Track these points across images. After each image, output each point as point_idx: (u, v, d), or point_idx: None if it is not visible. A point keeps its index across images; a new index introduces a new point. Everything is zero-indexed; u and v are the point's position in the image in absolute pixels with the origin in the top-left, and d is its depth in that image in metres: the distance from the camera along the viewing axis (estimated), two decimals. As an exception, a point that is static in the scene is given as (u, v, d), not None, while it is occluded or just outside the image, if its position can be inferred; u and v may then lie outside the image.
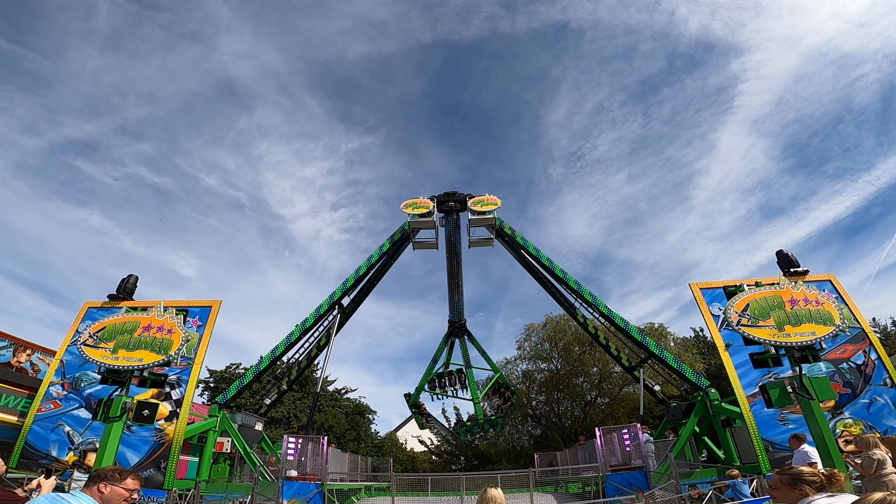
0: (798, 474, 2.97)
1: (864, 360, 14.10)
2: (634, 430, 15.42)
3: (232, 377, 34.44)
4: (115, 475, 3.03)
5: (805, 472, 2.98)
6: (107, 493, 2.95)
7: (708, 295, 15.74)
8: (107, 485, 2.97)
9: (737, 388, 14.02)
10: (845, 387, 13.77)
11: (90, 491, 2.94)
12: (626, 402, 32.40)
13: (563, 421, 35.81)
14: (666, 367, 17.84)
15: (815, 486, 2.87)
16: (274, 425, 32.68)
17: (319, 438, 16.70)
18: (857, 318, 14.74)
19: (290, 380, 21.08)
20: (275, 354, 18.84)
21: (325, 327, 20.19)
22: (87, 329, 14.44)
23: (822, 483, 2.90)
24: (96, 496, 2.93)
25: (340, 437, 35.93)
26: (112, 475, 3.02)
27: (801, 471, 3.01)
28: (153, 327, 14.33)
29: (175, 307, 15.20)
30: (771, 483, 3.22)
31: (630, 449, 15.18)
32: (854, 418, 13.28)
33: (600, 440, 15.93)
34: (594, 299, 18.66)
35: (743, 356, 13.59)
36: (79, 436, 14.07)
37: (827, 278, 15.72)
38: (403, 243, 20.40)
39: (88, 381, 14.91)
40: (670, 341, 33.38)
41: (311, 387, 36.43)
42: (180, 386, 15.09)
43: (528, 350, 36.64)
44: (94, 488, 2.95)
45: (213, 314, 16.14)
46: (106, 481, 2.98)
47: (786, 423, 13.38)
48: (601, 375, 33.43)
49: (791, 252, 16.40)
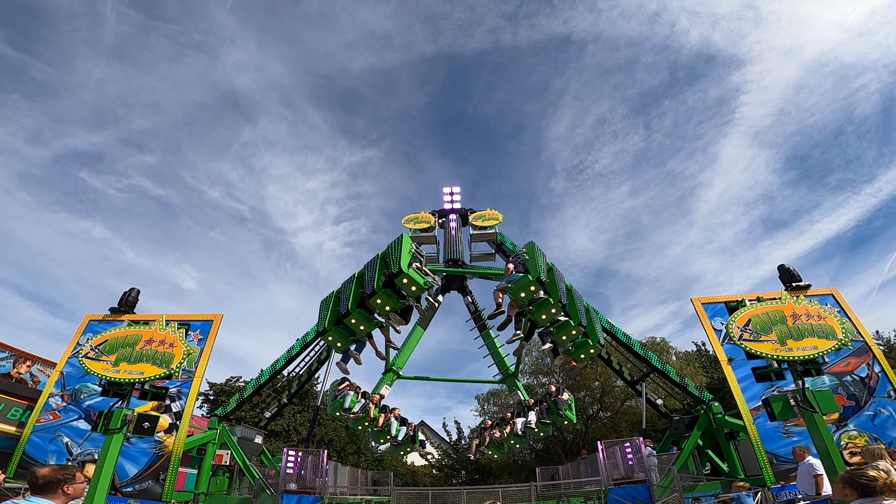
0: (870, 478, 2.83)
1: (867, 373, 14.10)
2: (637, 443, 15.32)
3: (232, 390, 34.31)
4: (68, 474, 3.11)
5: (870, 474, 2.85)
6: (72, 492, 3.08)
7: (710, 310, 15.77)
8: (69, 486, 3.07)
9: (740, 401, 13.98)
10: (849, 399, 13.75)
11: (53, 496, 3.02)
12: (628, 416, 32.22)
13: (564, 435, 35.56)
14: (668, 380, 17.77)
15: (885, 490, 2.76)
16: (274, 438, 32.48)
17: (319, 452, 16.59)
18: (860, 331, 14.77)
19: (290, 393, 20.98)
20: (275, 368, 18.81)
21: (326, 341, 20.11)
22: (89, 342, 14.44)
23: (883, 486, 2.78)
24: (61, 499, 3.04)
25: (340, 451, 35.70)
26: (67, 476, 3.11)
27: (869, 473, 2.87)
28: (155, 341, 14.32)
29: (177, 321, 15.21)
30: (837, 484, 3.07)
31: (633, 462, 15.07)
32: (859, 430, 13.25)
33: (602, 454, 15.82)
34: (596, 314, 18.55)
35: (745, 370, 13.56)
36: (77, 447, 14.05)
37: (829, 292, 15.73)
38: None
39: (88, 392, 14.90)
40: (672, 355, 33.25)
41: (312, 400, 36.28)
42: (180, 398, 15.09)
43: (528, 364, 36.52)
44: (59, 492, 3.03)
45: (214, 328, 16.28)
46: (66, 483, 3.07)
47: (790, 436, 13.34)
48: (603, 389, 33.26)
49: (793, 266, 16.41)
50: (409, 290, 11.06)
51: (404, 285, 11.02)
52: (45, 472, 3.10)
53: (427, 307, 14.03)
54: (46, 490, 3.02)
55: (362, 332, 11.80)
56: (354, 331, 11.68)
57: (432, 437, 48.47)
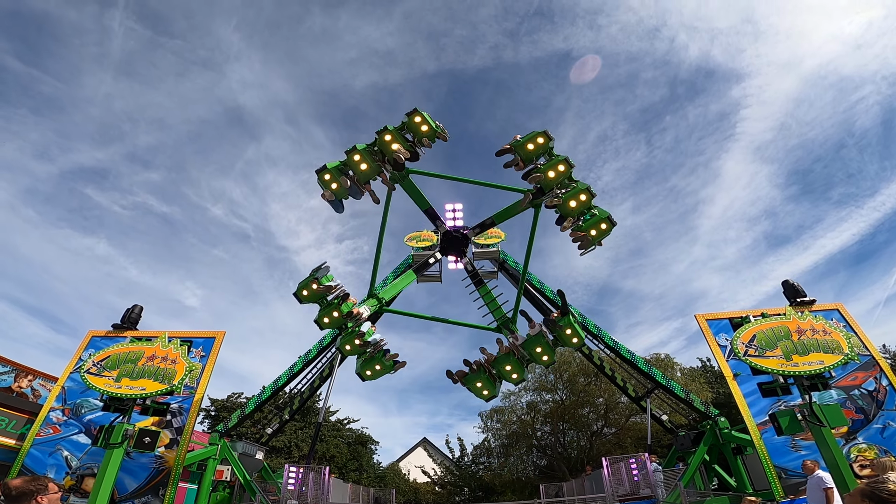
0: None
1: (875, 387, 14.00)
2: (642, 459, 15.15)
3: (233, 406, 34.13)
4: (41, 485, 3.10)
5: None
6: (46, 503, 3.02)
7: (714, 326, 15.71)
8: (42, 497, 3.01)
9: (746, 416, 13.86)
10: (858, 413, 13.64)
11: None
12: (633, 432, 31.90)
13: (568, 451, 35.23)
14: (673, 396, 17.62)
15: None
16: (275, 454, 32.22)
17: (321, 468, 16.46)
18: (867, 345, 14.70)
19: (292, 410, 20.85)
20: (277, 385, 18.71)
21: (328, 359, 20.05)
22: (91, 358, 14.44)
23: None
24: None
25: (342, 468, 35.36)
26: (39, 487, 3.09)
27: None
28: (157, 357, 14.33)
29: (179, 338, 15.21)
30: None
31: (638, 478, 14.89)
32: (868, 443, 13.13)
33: (607, 470, 15.65)
34: (599, 331, 18.55)
35: (751, 385, 13.48)
36: (77, 460, 13.97)
37: (834, 307, 15.67)
38: (408, 277, 20.28)
39: (89, 407, 14.85)
40: (677, 371, 33.06)
41: (313, 417, 36.03)
42: (181, 414, 15.03)
43: (531, 381, 36.34)
44: (32, 503, 2.99)
45: (216, 345, 16.28)
46: (39, 494, 3.02)
47: (798, 450, 13.20)
48: (607, 405, 33.02)
49: (797, 282, 16.35)
50: (419, 130, 10.75)
51: (416, 124, 10.72)
52: (17, 484, 3.08)
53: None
54: (20, 501, 2.99)
55: (362, 174, 11.17)
56: (354, 170, 11.09)
57: (435, 453, 48.05)
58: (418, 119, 10.63)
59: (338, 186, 11.03)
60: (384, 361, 10.88)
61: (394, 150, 10.85)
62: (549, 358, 10.30)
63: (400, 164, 11.17)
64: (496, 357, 10.63)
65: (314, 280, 10.78)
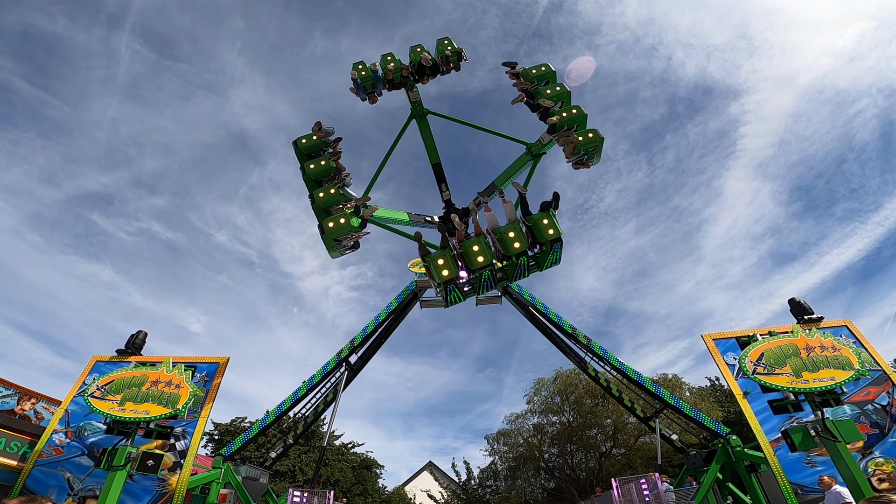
0: None
1: (888, 401, 13.83)
2: (653, 479, 14.89)
3: (237, 430, 33.88)
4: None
5: None
6: None
7: (721, 345, 15.60)
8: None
9: (758, 433, 13.65)
10: (873, 427, 13.45)
11: None
12: (642, 452, 31.45)
13: (577, 473, 34.70)
14: (683, 416, 17.40)
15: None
16: (279, 478, 31.85)
17: (325, 493, 16.23)
18: (877, 360, 14.55)
19: (296, 434, 20.68)
20: (281, 409, 18.60)
21: (332, 384, 19.93)
22: (95, 382, 14.43)
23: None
24: None
25: (347, 492, 34.89)
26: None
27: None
28: (161, 382, 14.32)
29: (184, 363, 15.23)
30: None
31: (650, 499, 14.61)
32: (885, 457, 12.91)
33: (617, 491, 15.38)
34: (605, 353, 18.41)
35: (762, 403, 13.33)
36: (79, 482, 13.85)
37: (843, 324, 15.54)
38: (411, 302, 20.24)
39: (93, 430, 14.77)
40: (686, 391, 32.75)
41: (318, 441, 35.70)
42: (185, 438, 14.92)
43: (538, 404, 36.10)
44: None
45: (220, 370, 16.27)
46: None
47: (813, 466, 12.98)
48: (615, 426, 32.66)
49: (804, 299, 16.24)
50: (444, 50, 13.51)
51: (443, 45, 13.53)
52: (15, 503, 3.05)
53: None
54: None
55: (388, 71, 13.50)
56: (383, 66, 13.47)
57: (441, 477, 47.37)
58: (446, 41, 13.09)
59: (366, 74, 12.93)
60: (351, 217, 11.32)
61: (423, 55, 12.88)
62: (520, 245, 10.06)
63: (425, 66, 13.07)
64: (466, 237, 10.50)
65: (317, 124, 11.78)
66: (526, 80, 12.76)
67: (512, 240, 9.88)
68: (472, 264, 10.12)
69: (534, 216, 10.19)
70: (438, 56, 13.20)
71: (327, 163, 11.19)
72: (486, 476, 39.08)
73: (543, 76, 12.72)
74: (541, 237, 10.19)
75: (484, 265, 10.04)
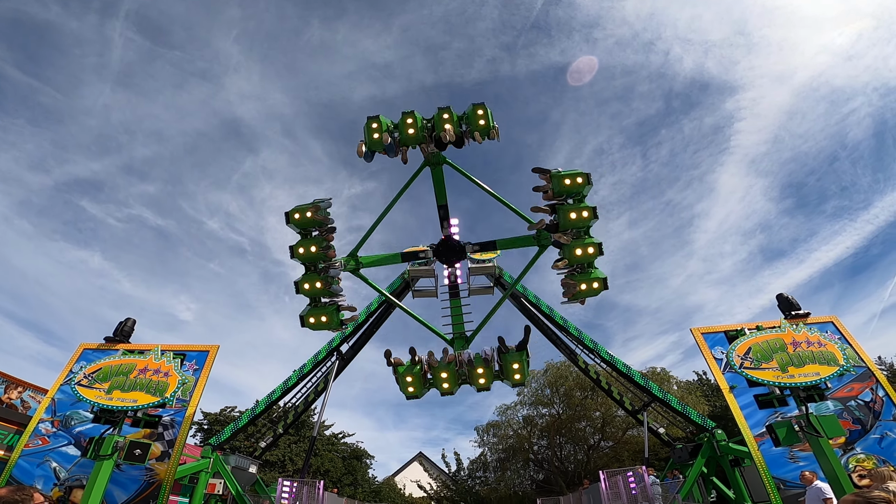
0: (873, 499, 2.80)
1: (871, 398, 13.99)
2: (640, 472, 15.02)
3: (226, 420, 33.83)
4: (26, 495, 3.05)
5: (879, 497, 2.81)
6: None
7: (709, 339, 15.69)
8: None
9: (743, 428, 13.79)
10: (855, 423, 13.62)
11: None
12: (630, 445, 31.74)
13: (565, 465, 34.99)
14: (670, 409, 17.54)
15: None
16: (269, 468, 31.87)
17: (315, 482, 16.26)
18: (862, 357, 14.68)
19: (286, 423, 20.67)
20: (271, 398, 18.55)
21: (323, 373, 19.90)
22: (83, 370, 14.32)
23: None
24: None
25: (337, 482, 34.98)
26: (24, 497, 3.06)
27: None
28: (149, 370, 14.22)
29: (172, 351, 15.09)
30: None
31: (636, 491, 14.75)
32: (866, 453, 13.09)
33: (605, 483, 15.51)
34: (595, 345, 18.50)
35: (748, 397, 13.44)
36: (65, 472, 13.75)
37: (829, 320, 15.68)
38: (403, 291, 20.22)
39: (80, 419, 14.64)
40: (673, 385, 33.00)
41: (308, 431, 35.72)
42: (173, 427, 14.82)
43: (528, 395, 36.25)
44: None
45: (210, 358, 16.07)
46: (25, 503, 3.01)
47: (796, 461, 13.14)
48: (604, 419, 32.91)
49: (792, 295, 16.37)
50: (476, 122, 10.77)
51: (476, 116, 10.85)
52: (2, 493, 3.07)
53: None
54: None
55: (406, 138, 11.25)
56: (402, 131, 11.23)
57: (431, 468, 47.61)
58: (480, 112, 10.74)
59: (379, 137, 11.17)
60: (333, 316, 11.07)
61: (446, 128, 10.85)
62: (485, 382, 10.36)
63: (443, 143, 11.24)
64: (437, 363, 10.61)
65: (315, 206, 10.93)
66: (557, 194, 10.50)
67: (479, 376, 10.43)
68: (437, 387, 10.69)
69: (507, 357, 10.44)
70: (465, 125, 10.86)
71: (318, 250, 10.93)
72: (475, 467, 39.35)
73: (575, 189, 10.33)
74: (506, 377, 10.56)
75: (447, 391, 10.56)
